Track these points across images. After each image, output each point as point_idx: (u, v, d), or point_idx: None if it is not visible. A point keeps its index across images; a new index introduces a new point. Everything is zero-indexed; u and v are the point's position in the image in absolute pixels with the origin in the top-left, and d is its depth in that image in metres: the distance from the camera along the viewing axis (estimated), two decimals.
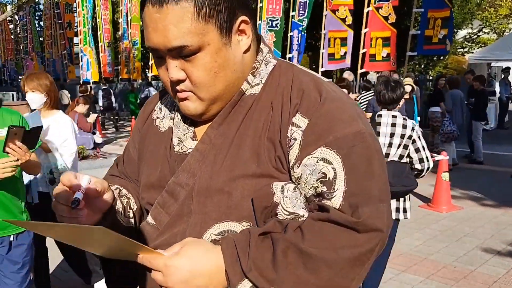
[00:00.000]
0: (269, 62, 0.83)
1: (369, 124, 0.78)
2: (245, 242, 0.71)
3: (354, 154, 0.71)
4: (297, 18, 10.56)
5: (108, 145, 9.03)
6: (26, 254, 2.06)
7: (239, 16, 0.75)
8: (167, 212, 0.80)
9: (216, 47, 0.73)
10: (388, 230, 0.72)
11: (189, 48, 0.72)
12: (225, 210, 0.75)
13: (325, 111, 0.73)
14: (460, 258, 3.48)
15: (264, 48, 0.84)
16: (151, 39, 0.73)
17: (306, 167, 0.72)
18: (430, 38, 8.31)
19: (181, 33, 0.71)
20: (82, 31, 16.43)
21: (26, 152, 1.87)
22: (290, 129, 0.74)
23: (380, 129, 2.66)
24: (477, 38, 15.92)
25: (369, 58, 9.12)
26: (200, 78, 0.74)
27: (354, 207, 0.70)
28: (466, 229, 4.14)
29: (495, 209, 4.78)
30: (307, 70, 0.83)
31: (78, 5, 16.53)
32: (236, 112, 0.79)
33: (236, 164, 0.75)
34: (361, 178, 0.71)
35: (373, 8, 8.90)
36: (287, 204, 0.74)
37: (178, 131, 0.85)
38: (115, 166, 1.00)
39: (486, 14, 14.60)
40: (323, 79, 0.81)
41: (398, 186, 2.48)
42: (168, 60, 0.74)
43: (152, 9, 0.72)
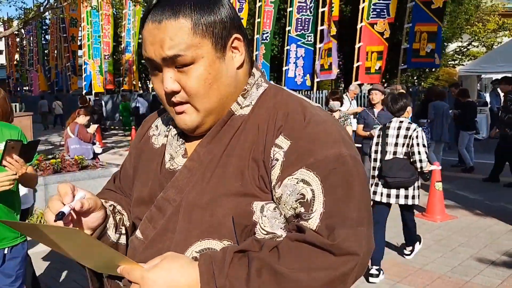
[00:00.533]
0: (260, 86, 0.85)
1: (354, 147, 0.78)
2: (221, 259, 0.71)
3: (334, 176, 0.72)
4: (295, 33, 10.93)
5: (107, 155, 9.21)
6: (19, 267, 2.06)
7: (234, 33, 0.79)
8: (154, 226, 0.81)
9: (210, 60, 0.76)
10: (367, 254, 0.71)
11: (183, 57, 0.74)
12: (207, 227, 0.76)
13: (307, 133, 0.74)
14: (455, 269, 3.50)
15: (256, 72, 0.86)
16: (148, 50, 0.76)
17: (286, 187, 0.73)
18: (418, 51, 8.67)
19: (176, 44, 0.74)
20: (85, 44, 16.80)
21: (23, 166, 1.88)
22: (273, 150, 0.75)
23: (388, 132, 3.42)
24: (467, 51, 16.48)
25: (365, 71, 9.46)
26: (194, 88, 0.76)
27: (330, 229, 0.69)
28: (460, 239, 4.17)
29: (489, 218, 4.78)
30: (296, 94, 0.84)
31: (83, 20, 16.90)
32: (224, 132, 0.80)
33: (221, 183, 0.76)
34: (339, 200, 0.71)
35: (366, 23, 9.27)
36: (265, 224, 0.74)
37: (171, 148, 0.86)
38: (112, 180, 1.02)
39: (475, 28, 15.14)
40: (312, 103, 0.82)
41: (401, 178, 3.27)
42: (164, 71, 0.77)
43: (152, 25, 0.75)
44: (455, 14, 11.98)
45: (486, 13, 15.35)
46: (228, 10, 0.79)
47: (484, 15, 15.32)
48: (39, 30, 22.61)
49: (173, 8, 0.75)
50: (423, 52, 8.61)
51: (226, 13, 0.78)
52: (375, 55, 9.31)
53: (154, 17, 0.76)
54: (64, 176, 4.97)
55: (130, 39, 15.22)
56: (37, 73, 22.76)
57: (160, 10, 0.76)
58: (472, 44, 16.15)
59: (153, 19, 0.76)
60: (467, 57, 16.15)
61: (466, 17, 12.73)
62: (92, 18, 16.56)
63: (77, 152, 5.86)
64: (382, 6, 9.15)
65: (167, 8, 0.75)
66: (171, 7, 0.75)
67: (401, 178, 3.27)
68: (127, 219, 0.91)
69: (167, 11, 0.75)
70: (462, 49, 16.40)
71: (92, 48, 16.68)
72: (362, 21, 9.37)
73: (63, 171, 5.12)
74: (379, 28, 9.18)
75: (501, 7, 15.88)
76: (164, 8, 0.75)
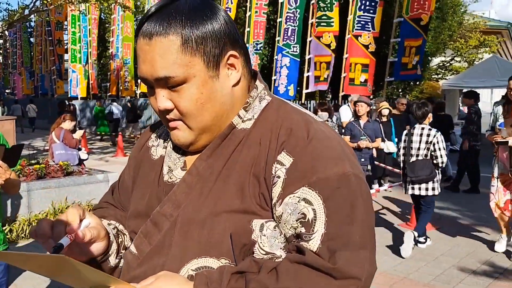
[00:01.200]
0: (263, 99, 0.82)
1: (358, 165, 0.76)
2: (218, 280, 0.69)
3: (337, 196, 0.69)
4: (282, 43, 11.09)
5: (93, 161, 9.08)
6: (2, 275, 2.02)
7: (228, 51, 0.76)
8: (149, 242, 0.79)
9: (202, 79, 0.74)
10: (369, 278, 0.69)
11: (175, 79, 0.73)
12: (205, 245, 0.73)
13: (310, 150, 0.72)
14: (438, 277, 3.58)
15: (260, 84, 0.84)
16: (141, 69, 0.76)
17: (287, 206, 0.70)
18: (406, 65, 8.93)
19: (167, 64, 0.72)
20: (70, 48, 16.64)
21: (6, 171, 1.82)
22: (274, 166, 0.73)
23: (412, 138, 4.19)
24: (449, 66, 16.98)
25: (349, 82, 9.65)
26: (187, 108, 0.75)
27: (331, 252, 0.67)
28: (443, 248, 4.27)
29: (470, 228, 4.92)
30: (300, 108, 0.82)
31: (69, 23, 16.75)
32: (225, 146, 0.78)
33: (220, 199, 0.74)
34: (341, 222, 0.69)
35: (351, 35, 9.48)
36: (264, 243, 0.72)
37: (169, 160, 0.84)
38: (110, 192, 0.98)
39: (457, 44, 15.65)
40: (316, 119, 0.80)
41: (423, 176, 4.12)
42: (157, 89, 0.76)
43: (143, 41, 0.74)
44: (439, 30, 12.35)
45: (468, 30, 15.88)
46: (223, 25, 0.76)
47: (467, 31, 15.85)
48: (24, 32, 22.28)
49: (163, 22, 0.73)
50: (411, 65, 8.86)
51: (219, 29, 0.75)
52: (359, 67, 9.50)
53: (145, 31, 0.74)
54: (49, 182, 4.88)
55: (119, 44, 15.16)
56: (20, 76, 22.38)
57: (152, 23, 0.74)
58: (454, 59, 16.67)
59: (144, 33, 0.74)
60: (450, 72, 16.65)
61: (450, 33, 13.16)
62: (81, 23, 16.44)
63: (62, 158, 5.77)
64: (366, 19, 9.37)
65: (159, 22, 0.73)
66: (162, 21, 0.73)
67: (422, 176, 4.10)
68: (128, 239, 0.88)
69: (158, 25, 0.73)
70: (445, 63, 16.90)
71: (82, 53, 16.55)
72: (349, 33, 9.58)
73: (47, 177, 5.03)
74: (363, 40, 9.38)
75: (483, 24, 16.46)
76: (156, 22, 0.74)
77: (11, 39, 23.58)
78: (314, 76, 10.47)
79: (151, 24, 0.74)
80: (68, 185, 4.97)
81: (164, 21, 0.73)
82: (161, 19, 0.73)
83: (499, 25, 18.12)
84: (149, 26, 0.74)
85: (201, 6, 0.75)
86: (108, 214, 0.93)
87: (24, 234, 4.39)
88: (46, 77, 19.37)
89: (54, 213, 4.66)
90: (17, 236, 4.30)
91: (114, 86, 15.87)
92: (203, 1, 0.76)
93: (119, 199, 0.96)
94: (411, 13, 8.80)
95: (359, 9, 9.35)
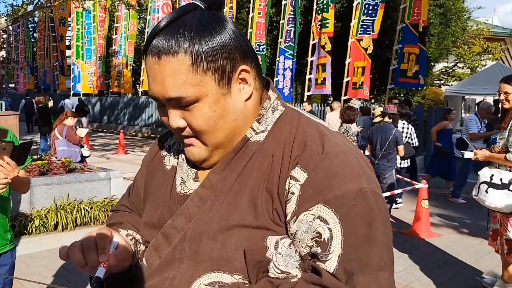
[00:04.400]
0: (277, 109, 0.80)
1: (375, 180, 0.73)
2: None
3: (354, 215, 0.67)
4: (284, 44, 11.11)
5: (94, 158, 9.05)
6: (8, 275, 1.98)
7: (240, 66, 0.74)
8: (159, 255, 0.78)
9: (214, 98, 0.72)
10: None
11: (186, 99, 0.72)
12: (217, 260, 0.72)
13: (326, 166, 0.69)
14: (441, 286, 3.53)
15: (272, 94, 0.82)
16: (151, 88, 0.74)
17: (302, 223, 0.68)
18: (405, 72, 8.94)
19: (178, 85, 0.71)
20: (74, 44, 16.66)
21: (14, 168, 1.76)
22: (288, 182, 0.71)
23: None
24: (452, 72, 17.01)
25: (352, 86, 9.67)
26: (200, 127, 0.74)
27: (349, 274, 0.65)
28: (445, 257, 4.21)
29: (472, 237, 4.84)
30: (314, 119, 0.80)
31: (73, 20, 16.76)
32: (239, 159, 0.77)
33: (232, 213, 0.73)
34: (359, 242, 0.66)
35: (354, 39, 9.50)
36: (279, 262, 0.69)
37: (181, 171, 0.83)
38: (127, 195, 0.98)
39: (460, 50, 15.67)
40: (331, 130, 0.78)
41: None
42: (168, 109, 0.75)
43: (152, 60, 0.72)
44: (442, 36, 12.37)
45: (471, 36, 15.91)
46: (233, 39, 0.73)
47: (470, 38, 15.87)
48: (27, 27, 22.28)
49: (171, 40, 0.71)
50: (410, 73, 8.88)
51: (229, 43, 0.73)
52: (360, 71, 9.55)
53: (154, 50, 0.72)
54: (51, 179, 4.87)
55: (122, 42, 15.16)
56: (22, 71, 22.38)
57: (160, 40, 0.71)
58: (457, 65, 16.70)
59: (152, 51, 0.72)
60: (452, 78, 16.67)
61: (453, 39, 13.18)
62: (85, 20, 16.44)
63: (65, 154, 5.76)
64: (368, 22, 9.41)
65: (167, 40, 0.71)
66: (170, 39, 0.71)
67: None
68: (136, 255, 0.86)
69: (167, 43, 0.71)
70: (447, 69, 16.93)
71: (85, 49, 16.55)
72: (352, 37, 9.60)
73: (50, 173, 5.02)
74: (364, 44, 9.43)
75: (486, 31, 16.49)
76: (164, 39, 0.71)
77: (14, 34, 23.60)
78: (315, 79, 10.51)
79: (159, 41, 0.72)
80: (70, 182, 4.96)
81: (172, 39, 0.71)
82: (169, 36, 0.71)
83: (502, 32, 18.17)
84: (157, 43, 0.72)
85: (209, 20, 0.73)
86: (126, 220, 0.92)
87: (26, 230, 4.40)
88: (49, 73, 19.38)
89: (56, 209, 4.65)
90: (19, 232, 4.31)
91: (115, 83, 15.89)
92: (210, 14, 0.74)
93: (133, 202, 0.96)
94: (412, 18, 8.83)
95: (363, 13, 9.37)
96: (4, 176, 1.74)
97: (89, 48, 16.72)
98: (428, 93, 13.98)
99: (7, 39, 25.89)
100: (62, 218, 4.56)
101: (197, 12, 0.73)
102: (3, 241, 1.98)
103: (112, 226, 0.89)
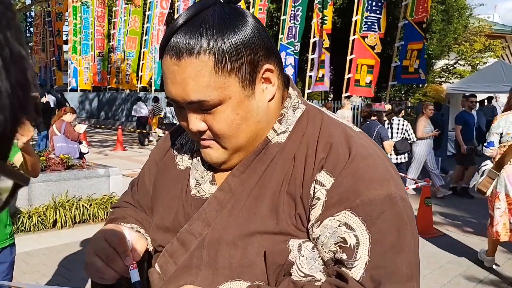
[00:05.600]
0: (297, 108, 0.77)
1: (402, 184, 0.71)
2: None
3: (382, 222, 0.64)
4: (286, 41, 11.02)
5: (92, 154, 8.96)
6: (7, 273, 1.95)
7: (264, 65, 0.70)
8: (174, 262, 0.74)
9: (238, 100, 0.69)
10: None
11: (209, 102, 0.68)
12: (237, 267, 0.69)
13: (353, 170, 0.66)
14: (444, 286, 3.50)
15: (293, 92, 0.78)
16: (170, 90, 0.70)
17: (326, 228, 0.66)
18: (407, 68, 8.90)
19: (200, 88, 0.67)
20: (71, 39, 16.50)
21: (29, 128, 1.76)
22: (313, 186, 0.68)
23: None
24: (453, 69, 16.96)
25: (354, 83, 9.60)
26: (222, 130, 0.70)
27: (376, 283, 0.63)
28: (449, 256, 4.20)
29: (476, 236, 4.80)
30: (337, 118, 0.77)
31: (70, 15, 16.59)
32: (259, 161, 0.74)
33: (252, 218, 0.70)
34: (387, 250, 0.64)
35: (358, 36, 9.43)
36: (303, 265, 0.67)
37: (196, 173, 0.79)
38: (130, 191, 0.94)
39: (462, 48, 15.63)
40: (355, 130, 0.75)
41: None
42: (188, 112, 0.71)
43: (171, 60, 0.67)
44: (444, 33, 12.33)
45: (473, 33, 15.87)
46: (256, 36, 0.69)
47: (471, 35, 15.83)
48: (23, 22, 22.07)
49: (192, 39, 0.66)
50: (412, 68, 8.84)
51: (253, 41, 0.68)
52: (365, 68, 9.48)
53: (172, 49, 0.67)
54: (49, 175, 4.77)
55: (121, 37, 15.02)
56: None
57: (180, 39, 0.66)
58: (458, 62, 16.66)
59: (171, 51, 0.67)
60: (453, 75, 16.64)
61: (455, 36, 13.13)
62: (82, 14, 16.27)
63: (63, 151, 5.68)
64: (373, 19, 9.34)
65: (187, 39, 0.66)
66: (191, 38, 0.66)
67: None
68: (150, 243, 0.84)
69: (187, 42, 0.66)
70: (449, 67, 16.89)
71: (81, 44, 16.38)
72: (355, 33, 9.53)
73: (48, 170, 4.93)
74: (370, 41, 9.36)
75: (488, 28, 16.46)
76: (183, 38, 0.66)
77: None
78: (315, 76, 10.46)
79: (179, 40, 0.66)
80: (69, 179, 4.88)
81: (193, 38, 0.66)
82: (189, 34, 0.66)
83: (503, 29, 18.14)
84: (176, 42, 0.67)
85: (231, 16, 0.68)
86: (128, 214, 0.88)
87: (24, 227, 4.32)
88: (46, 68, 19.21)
89: (54, 206, 4.57)
90: (17, 229, 4.24)
91: (114, 79, 15.77)
92: (231, 9, 0.69)
93: (138, 198, 0.91)
94: (415, 16, 8.76)
95: (366, 9, 9.30)
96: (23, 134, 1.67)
97: (86, 43, 16.56)
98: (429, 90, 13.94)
99: None
100: (61, 215, 4.48)
101: (217, 7, 0.68)
102: (3, 235, 1.92)
103: (113, 221, 0.85)
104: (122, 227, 0.76)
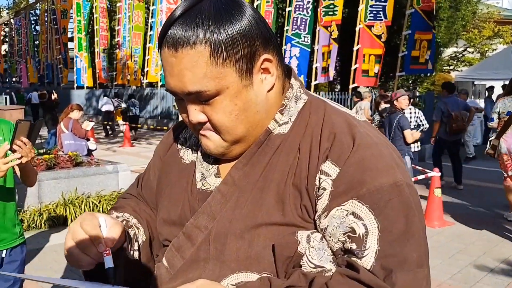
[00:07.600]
0: (300, 99, 0.76)
1: (407, 172, 0.71)
2: None
3: (390, 209, 0.64)
4: (291, 32, 10.90)
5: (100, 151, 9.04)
6: (18, 271, 1.96)
7: (261, 55, 0.70)
8: (182, 256, 0.75)
9: (235, 90, 0.69)
10: None
11: (207, 93, 0.68)
12: (244, 259, 0.69)
13: (358, 159, 0.66)
14: (454, 276, 3.52)
15: (295, 83, 0.77)
16: (168, 82, 0.71)
17: (333, 219, 0.66)
18: (417, 58, 8.73)
19: (197, 78, 0.67)
20: (77, 37, 16.54)
21: (31, 149, 1.75)
22: (318, 177, 0.67)
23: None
24: (462, 57, 16.68)
25: (362, 73, 9.47)
26: (221, 121, 0.71)
27: (387, 271, 0.63)
28: (459, 246, 4.20)
29: (485, 225, 4.79)
30: (340, 108, 0.77)
31: (74, 12, 16.60)
32: (262, 153, 0.73)
33: (258, 210, 0.70)
34: (396, 238, 0.64)
35: (363, 25, 9.28)
36: (313, 256, 0.66)
37: (202, 166, 0.80)
38: (136, 184, 0.95)
39: (470, 35, 15.34)
40: (358, 119, 0.75)
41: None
42: (187, 103, 0.71)
43: (168, 52, 0.68)
44: (452, 20, 12.09)
45: (482, 20, 15.54)
46: (254, 26, 0.68)
47: (480, 21, 15.51)
48: (29, 21, 22.17)
49: (188, 30, 0.66)
50: (422, 59, 8.67)
51: (250, 31, 0.68)
52: (373, 58, 9.33)
53: (169, 41, 0.67)
54: (59, 173, 4.83)
55: (126, 33, 15.01)
56: (26, 64, 22.35)
57: (176, 31, 0.67)
58: (467, 50, 16.36)
59: (168, 43, 0.67)
60: (462, 63, 16.35)
61: (463, 23, 12.88)
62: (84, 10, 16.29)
63: (71, 148, 5.73)
64: (378, 8, 9.17)
65: (183, 30, 0.66)
66: (187, 29, 0.66)
67: None
68: (142, 232, 0.84)
69: (183, 34, 0.66)
70: (457, 54, 16.60)
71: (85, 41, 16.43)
72: (360, 23, 9.38)
73: (57, 167, 4.98)
74: (376, 30, 9.20)
75: (497, 14, 16.10)
76: (180, 29, 0.67)
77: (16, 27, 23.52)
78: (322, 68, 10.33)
79: (175, 31, 0.67)
80: (78, 176, 4.94)
81: (189, 29, 0.66)
82: (186, 25, 0.66)
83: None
84: (173, 34, 0.67)
85: (228, 6, 0.68)
86: (127, 204, 0.89)
87: (35, 224, 4.38)
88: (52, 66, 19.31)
89: (64, 203, 4.63)
90: (28, 226, 4.29)
91: (120, 75, 15.80)
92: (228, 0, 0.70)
93: (141, 192, 0.92)
94: (422, 4, 8.59)
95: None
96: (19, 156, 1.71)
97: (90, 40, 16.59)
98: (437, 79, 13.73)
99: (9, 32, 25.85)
100: (71, 212, 4.54)
101: None
102: (11, 235, 1.93)
103: (112, 210, 0.87)
104: (98, 214, 0.75)
